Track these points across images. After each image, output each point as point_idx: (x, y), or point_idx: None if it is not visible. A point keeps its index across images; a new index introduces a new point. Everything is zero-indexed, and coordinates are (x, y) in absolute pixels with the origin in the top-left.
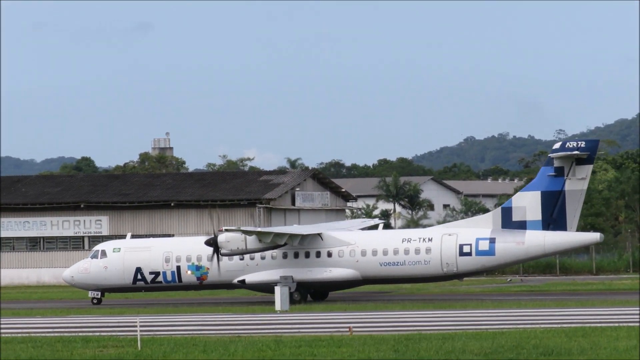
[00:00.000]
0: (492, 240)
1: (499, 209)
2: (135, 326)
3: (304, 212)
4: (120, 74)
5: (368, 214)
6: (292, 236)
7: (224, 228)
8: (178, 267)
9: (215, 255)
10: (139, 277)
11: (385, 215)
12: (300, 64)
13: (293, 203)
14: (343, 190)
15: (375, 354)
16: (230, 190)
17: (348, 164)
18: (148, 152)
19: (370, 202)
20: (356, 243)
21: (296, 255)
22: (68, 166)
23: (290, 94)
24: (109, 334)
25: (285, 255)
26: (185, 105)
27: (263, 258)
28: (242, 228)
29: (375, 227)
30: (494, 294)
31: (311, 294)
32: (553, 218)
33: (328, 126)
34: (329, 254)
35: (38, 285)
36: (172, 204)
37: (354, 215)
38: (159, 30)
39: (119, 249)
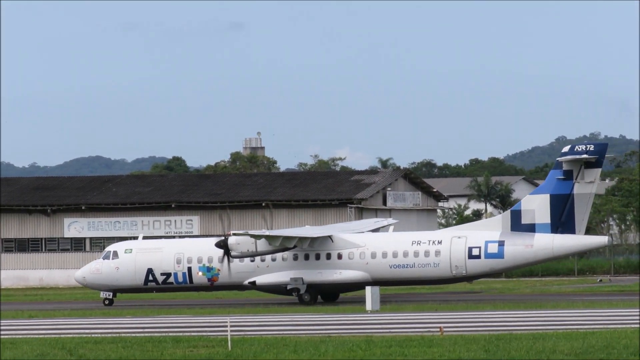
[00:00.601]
0: (501, 243)
1: (508, 212)
2: (226, 326)
3: (395, 212)
4: (211, 74)
5: (459, 214)
6: (301, 239)
7: (232, 232)
8: (189, 269)
9: (226, 258)
10: (151, 278)
11: (477, 215)
12: (392, 64)
13: (384, 203)
14: (434, 190)
15: (465, 354)
16: (321, 190)
17: (440, 163)
18: (239, 152)
19: (462, 202)
20: (366, 245)
21: (307, 257)
22: (159, 166)
23: (382, 94)
24: (199, 334)
25: (295, 257)
26: (276, 105)
27: (274, 260)
28: (250, 232)
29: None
30: (584, 294)
31: (322, 296)
32: (562, 221)
33: (420, 126)
34: (339, 256)
35: None
36: (263, 204)
37: (445, 215)
38: (251, 29)
39: (131, 250)
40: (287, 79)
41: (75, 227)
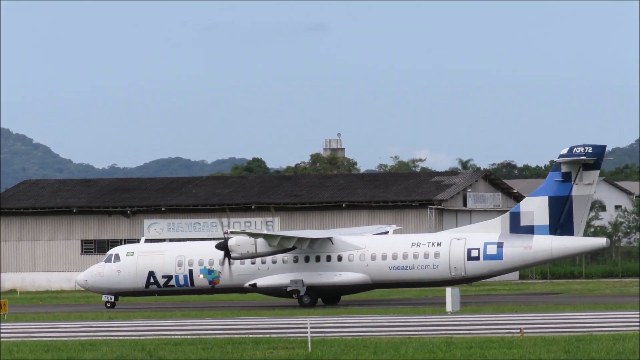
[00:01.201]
0: (500, 245)
1: (507, 214)
2: (306, 327)
3: (475, 213)
4: (292, 75)
5: None
6: (300, 240)
7: (229, 231)
8: (190, 271)
9: (226, 259)
10: (152, 281)
11: None
12: (472, 66)
13: (464, 204)
14: (515, 191)
15: (545, 355)
16: (401, 191)
17: (520, 164)
18: (319, 153)
19: None
20: (366, 247)
21: (307, 259)
22: (239, 167)
23: (462, 96)
24: (279, 335)
25: (296, 259)
26: (357, 106)
27: (274, 262)
28: (248, 231)
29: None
30: None
31: (322, 298)
32: (560, 223)
33: (500, 127)
34: (339, 258)
35: None
36: (343, 205)
37: None
38: (332, 30)
39: (132, 253)
40: (367, 80)
41: (155, 228)
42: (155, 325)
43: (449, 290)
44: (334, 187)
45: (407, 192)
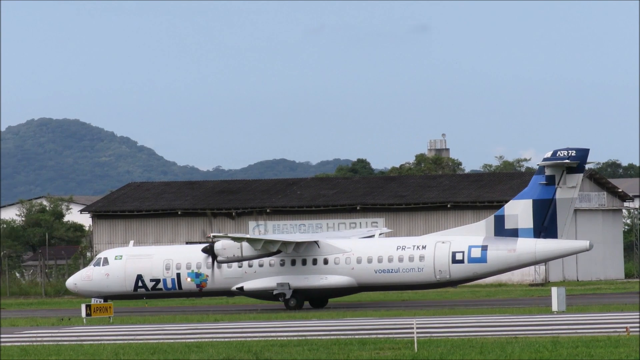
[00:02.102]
0: (484, 248)
1: (492, 217)
2: (412, 328)
3: (580, 212)
4: (397, 76)
5: None
6: (285, 243)
7: (212, 235)
8: (178, 275)
9: (213, 263)
10: (140, 284)
11: None
12: (574, 64)
13: None
14: (620, 190)
15: None
16: (507, 190)
17: (625, 163)
18: (424, 154)
19: None
20: (352, 250)
21: (293, 263)
22: (344, 168)
23: (566, 95)
24: (386, 336)
25: (282, 263)
26: (461, 106)
27: (261, 265)
28: (230, 235)
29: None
30: None
31: (310, 301)
32: (544, 226)
33: (604, 126)
34: (325, 261)
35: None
36: (448, 205)
37: (630, 216)
38: (436, 31)
39: (121, 256)
40: (472, 81)
41: (260, 230)
42: (261, 326)
43: (554, 290)
44: (438, 188)
45: (513, 192)
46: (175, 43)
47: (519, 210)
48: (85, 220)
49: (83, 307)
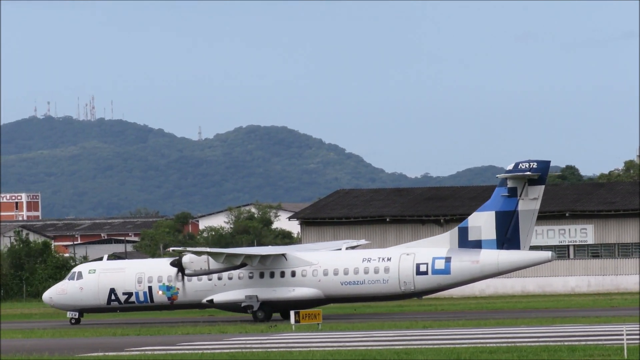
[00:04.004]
0: (448, 260)
1: (455, 229)
2: (622, 335)
3: None
4: (605, 82)
5: None
6: (249, 256)
7: (171, 249)
8: (150, 288)
9: (182, 276)
10: (113, 297)
11: None
12: None
13: None
14: None
15: None
16: None
17: None
18: (633, 160)
19: None
20: (319, 263)
21: (262, 275)
22: (552, 175)
23: None
24: (595, 342)
25: (251, 275)
26: None
27: (230, 278)
28: (189, 249)
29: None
30: None
31: (280, 312)
32: (507, 237)
33: None
34: (293, 274)
35: (522, 294)
36: None
37: None
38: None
39: (94, 270)
40: None
41: None
42: (470, 333)
43: None
44: None
45: None
46: (379, 51)
47: (482, 222)
48: (294, 227)
49: (292, 314)
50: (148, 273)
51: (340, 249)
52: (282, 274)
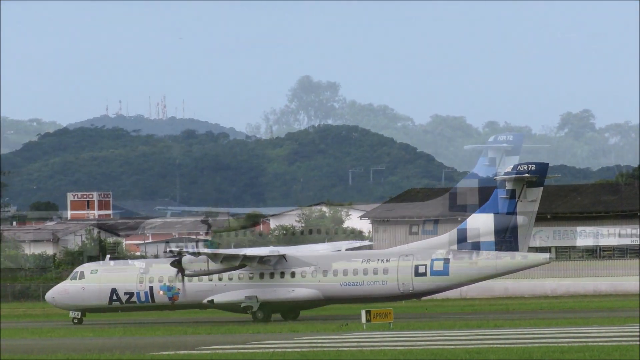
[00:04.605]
0: (447, 261)
1: (454, 230)
2: None
3: None
4: None
5: None
6: (248, 257)
7: (168, 250)
8: (151, 288)
9: (182, 277)
10: (114, 297)
11: None
12: None
13: None
14: None
15: None
16: None
17: None
18: None
19: None
20: (318, 264)
21: (262, 276)
22: (624, 174)
23: None
24: None
25: (251, 276)
26: None
27: (231, 279)
28: (185, 250)
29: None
30: None
31: (282, 313)
32: (505, 239)
33: None
34: (293, 275)
35: (594, 294)
36: None
37: None
38: None
39: (97, 270)
40: None
41: (540, 236)
42: (542, 332)
43: None
44: None
45: None
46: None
47: (481, 224)
48: (364, 226)
49: (363, 312)
50: (149, 273)
51: (340, 250)
52: (282, 275)
